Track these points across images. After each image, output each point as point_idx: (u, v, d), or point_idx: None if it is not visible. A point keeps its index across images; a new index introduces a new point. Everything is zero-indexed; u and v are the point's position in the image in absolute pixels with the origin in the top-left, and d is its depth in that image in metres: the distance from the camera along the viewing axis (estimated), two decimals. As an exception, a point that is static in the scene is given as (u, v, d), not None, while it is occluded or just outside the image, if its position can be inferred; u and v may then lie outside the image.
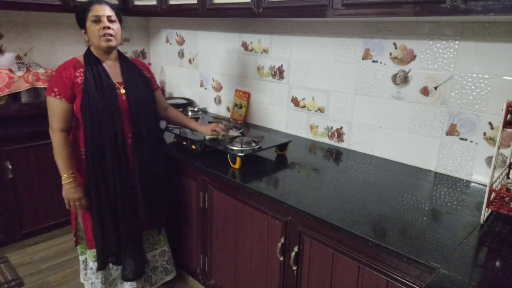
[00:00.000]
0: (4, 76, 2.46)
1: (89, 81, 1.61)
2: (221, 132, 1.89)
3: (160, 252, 2.01)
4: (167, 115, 2.01)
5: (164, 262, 2.04)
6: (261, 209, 1.59)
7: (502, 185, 1.35)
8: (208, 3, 2.11)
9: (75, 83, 1.62)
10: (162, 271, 2.05)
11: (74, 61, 1.67)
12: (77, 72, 1.63)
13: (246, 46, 2.49)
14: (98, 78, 1.63)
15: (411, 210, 1.38)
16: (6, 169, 2.31)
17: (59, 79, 1.61)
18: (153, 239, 1.97)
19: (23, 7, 2.36)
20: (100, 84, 1.63)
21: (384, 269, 1.20)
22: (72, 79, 1.62)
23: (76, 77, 1.63)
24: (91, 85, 1.61)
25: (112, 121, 1.63)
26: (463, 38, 1.59)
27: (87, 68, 1.63)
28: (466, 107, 1.63)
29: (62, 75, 1.61)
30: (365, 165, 1.85)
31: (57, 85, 1.61)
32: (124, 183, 1.70)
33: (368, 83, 1.92)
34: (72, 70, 1.63)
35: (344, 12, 1.54)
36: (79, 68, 1.65)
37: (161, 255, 2.02)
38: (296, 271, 1.49)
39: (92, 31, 1.62)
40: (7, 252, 2.48)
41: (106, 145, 1.64)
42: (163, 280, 2.06)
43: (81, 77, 1.63)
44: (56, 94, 1.60)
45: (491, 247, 1.16)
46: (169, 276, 2.08)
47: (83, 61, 1.67)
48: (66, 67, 1.64)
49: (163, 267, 2.04)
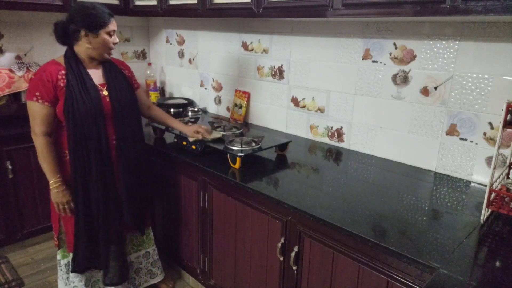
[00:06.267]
0: (4, 76, 2.46)
1: (72, 83, 1.58)
2: (204, 134, 1.88)
3: (144, 254, 2.01)
4: (150, 113, 1.99)
5: (148, 264, 2.03)
6: (261, 209, 1.59)
7: (502, 185, 1.35)
8: (208, 3, 2.11)
9: (57, 86, 1.58)
10: (147, 273, 2.04)
11: (54, 63, 1.62)
12: (59, 75, 1.59)
13: (246, 46, 2.49)
14: (81, 80, 1.60)
15: (411, 210, 1.38)
16: (6, 169, 2.32)
17: (40, 82, 1.56)
18: (137, 240, 1.97)
19: (24, 7, 2.35)
20: (83, 86, 1.60)
21: (384, 269, 1.20)
22: (54, 82, 1.57)
23: (58, 79, 1.58)
24: (74, 88, 1.57)
25: (95, 123, 1.61)
26: (463, 38, 1.58)
27: (69, 71, 1.59)
28: (466, 107, 1.63)
29: (43, 78, 1.56)
30: (365, 165, 1.85)
31: (38, 88, 1.56)
32: (108, 185, 1.68)
33: (368, 83, 1.92)
34: (54, 72, 1.58)
35: (344, 12, 1.54)
36: (60, 70, 1.59)
37: (145, 257, 2.01)
38: (296, 271, 1.49)
39: (105, 42, 1.62)
40: (7, 252, 2.48)
41: (90, 148, 1.61)
42: (147, 282, 2.05)
43: (63, 79, 1.59)
44: (38, 98, 1.55)
45: (491, 247, 1.16)
46: (154, 280, 2.07)
47: (63, 63, 1.62)
48: (47, 69, 1.58)
49: (147, 269, 2.03)
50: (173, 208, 2.12)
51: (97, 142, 1.62)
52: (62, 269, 1.85)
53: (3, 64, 2.58)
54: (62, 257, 1.83)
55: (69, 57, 1.63)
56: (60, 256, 1.83)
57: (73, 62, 1.61)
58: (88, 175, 1.64)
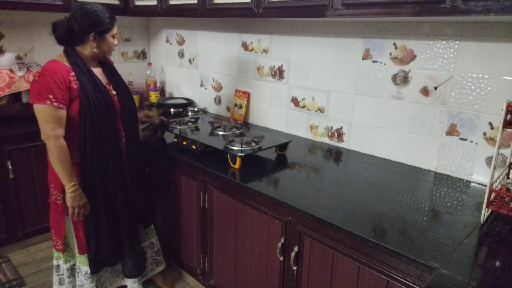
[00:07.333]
0: (4, 76, 2.46)
1: (86, 86, 1.59)
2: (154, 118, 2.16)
3: (149, 244, 2.07)
4: None
5: (153, 253, 2.09)
6: (261, 209, 1.59)
7: (502, 185, 1.35)
8: (208, 3, 2.11)
9: (71, 87, 1.56)
10: (153, 263, 2.10)
11: (59, 64, 1.58)
12: (70, 76, 1.57)
13: (246, 46, 2.49)
14: (93, 82, 1.63)
15: (411, 210, 1.38)
16: (7, 169, 2.32)
17: (53, 84, 1.51)
18: (140, 233, 2.02)
19: (24, 7, 2.36)
20: (96, 87, 1.63)
21: (384, 269, 1.20)
22: (67, 84, 1.55)
23: (70, 81, 1.56)
24: (88, 89, 1.59)
25: (111, 122, 1.67)
26: (463, 38, 1.58)
27: (78, 72, 1.60)
28: (466, 107, 1.62)
29: (55, 80, 1.52)
30: (365, 165, 1.85)
31: (51, 91, 1.51)
32: (123, 181, 1.76)
33: (368, 83, 1.92)
34: (64, 74, 1.55)
35: (344, 12, 1.54)
36: (68, 71, 1.58)
37: (149, 247, 2.07)
38: (296, 271, 1.49)
39: (110, 44, 1.69)
40: (8, 251, 2.48)
41: (107, 146, 1.66)
42: (154, 271, 2.11)
43: (75, 81, 1.58)
44: (52, 101, 1.51)
45: (491, 247, 1.16)
46: (159, 268, 2.14)
47: (67, 63, 1.60)
48: (56, 71, 1.54)
49: (153, 258, 2.10)
50: (173, 208, 2.13)
51: (114, 140, 1.68)
52: (63, 273, 1.84)
53: (3, 64, 2.58)
54: (65, 261, 1.82)
55: (73, 57, 1.62)
56: (63, 260, 1.81)
57: (80, 62, 1.62)
58: (105, 173, 1.68)
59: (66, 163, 1.59)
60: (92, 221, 1.71)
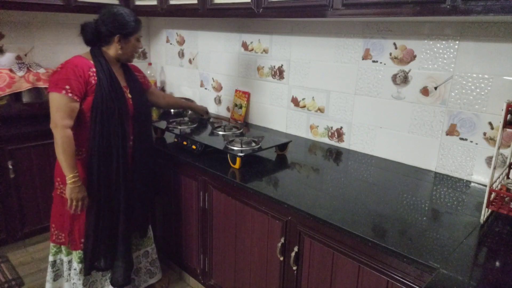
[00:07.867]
0: (4, 76, 2.46)
1: (103, 82, 1.63)
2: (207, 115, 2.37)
3: (144, 253, 2.04)
4: (167, 102, 2.24)
5: (147, 263, 2.06)
6: (261, 209, 1.59)
7: (502, 185, 1.35)
8: (208, 3, 2.11)
9: (89, 82, 1.61)
10: (146, 273, 2.06)
11: (82, 59, 1.65)
12: (90, 72, 1.62)
13: (246, 46, 2.49)
14: (111, 81, 1.66)
15: (411, 210, 1.38)
16: (7, 168, 2.32)
17: (72, 76, 1.57)
18: (136, 240, 1.99)
19: (25, 7, 2.36)
20: (112, 86, 1.66)
21: (384, 269, 1.20)
22: (86, 78, 1.60)
23: (89, 76, 1.62)
24: (104, 86, 1.63)
25: (120, 123, 1.68)
26: (463, 38, 1.58)
27: (99, 69, 1.64)
28: (466, 107, 1.62)
29: (75, 72, 1.58)
30: (365, 165, 1.85)
31: (68, 82, 1.56)
32: (126, 183, 1.74)
33: (368, 83, 1.92)
34: (85, 68, 1.61)
35: (344, 12, 1.54)
36: (90, 67, 1.63)
37: (144, 256, 2.04)
38: (296, 271, 1.49)
39: (134, 47, 1.77)
40: (7, 251, 2.48)
41: (113, 146, 1.67)
42: (146, 282, 2.07)
43: (94, 77, 1.63)
44: (68, 92, 1.55)
45: (491, 247, 1.16)
46: (153, 279, 2.09)
47: (91, 60, 1.66)
48: (78, 65, 1.60)
49: (147, 268, 2.06)
50: (173, 208, 2.13)
51: (121, 139, 1.69)
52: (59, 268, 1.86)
53: (3, 64, 2.58)
54: (67, 253, 1.83)
55: (98, 56, 1.68)
56: (65, 253, 1.82)
57: (103, 61, 1.68)
58: (109, 171, 1.69)
59: (70, 154, 1.61)
60: (92, 220, 1.70)
